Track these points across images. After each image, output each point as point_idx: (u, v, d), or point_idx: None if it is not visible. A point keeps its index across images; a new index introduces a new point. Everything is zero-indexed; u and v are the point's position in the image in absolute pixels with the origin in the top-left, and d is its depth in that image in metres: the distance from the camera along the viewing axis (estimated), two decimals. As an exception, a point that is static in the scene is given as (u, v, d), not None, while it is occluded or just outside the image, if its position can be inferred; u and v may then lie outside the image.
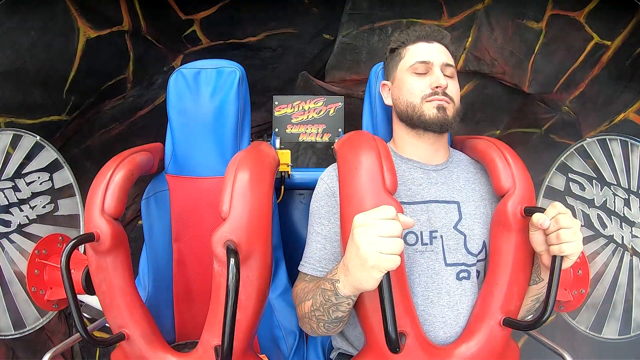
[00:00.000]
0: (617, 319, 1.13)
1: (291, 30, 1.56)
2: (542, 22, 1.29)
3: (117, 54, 1.39)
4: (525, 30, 1.31)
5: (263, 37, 1.56)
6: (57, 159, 1.25)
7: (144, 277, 1.08)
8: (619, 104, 1.24)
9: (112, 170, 0.90)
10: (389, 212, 0.65)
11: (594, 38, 1.26)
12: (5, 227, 1.15)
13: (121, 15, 1.33)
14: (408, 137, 0.96)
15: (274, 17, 1.52)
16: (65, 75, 1.29)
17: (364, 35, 1.44)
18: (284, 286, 1.11)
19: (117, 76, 1.43)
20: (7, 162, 1.15)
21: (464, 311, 0.86)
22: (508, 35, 1.33)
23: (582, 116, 1.36)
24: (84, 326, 0.77)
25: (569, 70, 1.31)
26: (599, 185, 1.18)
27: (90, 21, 1.27)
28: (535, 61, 1.34)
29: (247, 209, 0.81)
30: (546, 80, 1.37)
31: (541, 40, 1.31)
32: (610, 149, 1.16)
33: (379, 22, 1.41)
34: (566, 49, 1.30)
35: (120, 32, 1.35)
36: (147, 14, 1.38)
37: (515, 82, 1.40)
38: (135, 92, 1.52)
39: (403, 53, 0.97)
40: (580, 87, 1.33)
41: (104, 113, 1.50)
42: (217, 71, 1.09)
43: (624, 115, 1.22)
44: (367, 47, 1.45)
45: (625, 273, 1.13)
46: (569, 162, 1.25)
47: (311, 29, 1.57)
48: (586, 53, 1.28)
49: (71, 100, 1.32)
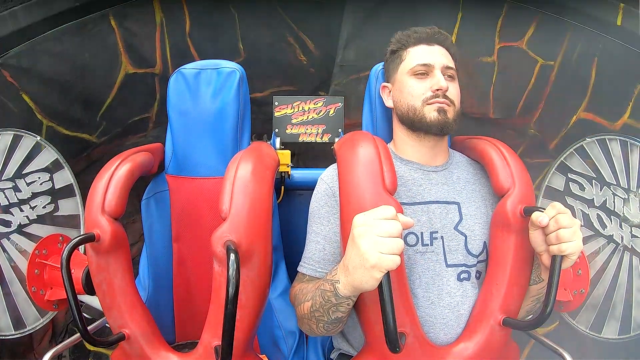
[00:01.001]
0: (617, 319, 1.13)
1: (292, 87, 1.73)
2: (493, 55, 1.48)
3: (146, 93, 1.54)
4: (482, 65, 1.50)
5: (268, 93, 1.73)
6: (58, 159, 1.25)
7: (144, 277, 1.08)
8: (570, 108, 1.37)
9: (112, 170, 0.90)
10: (389, 212, 0.66)
11: (539, 61, 1.42)
12: (5, 227, 1.15)
13: (155, 59, 1.49)
14: (409, 139, 0.96)
15: (278, 76, 1.72)
16: (103, 100, 1.44)
17: (352, 83, 1.64)
18: (284, 286, 1.11)
19: (142, 114, 1.57)
20: (7, 162, 1.15)
21: (465, 312, 0.86)
22: (470, 72, 1.51)
23: (545, 133, 1.51)
24: (84, 326, 0.77)
25: (525, 93, 1.48)
26: (599, 185, 1.18)
27: (131, 58, 1.45)
28: (494, 90, 1.52)
29: (247, 208, 0.81)
30: (507, 105, 1.54)
31: (496, 71, 1.50)
32: (610, 149, 1.16)
33: (363, 72, 1.59)
34: (518, 75, 1.48)
35: (152, 74, 1.51)
36: (175, 61, 1.53)
37: (482, 112, 1.57)
38: (155, 132, 1.66)
39: (404, 55, 0.97)
40: (539, 108, 1.48)
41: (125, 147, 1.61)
42: (217, 71, 1.09)
43: (575, 116, 1.35)
44: (355, 94, 1.63)
45: (625, 273, 1.12)
46: (568, 162, 1.25)
47: (309, 86, 1.76)
48: (536, 75, 1.44)
49: (102, 125, 1.47)
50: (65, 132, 1.37)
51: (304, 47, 1.64)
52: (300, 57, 1.65)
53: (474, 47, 1.49)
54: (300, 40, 1.62)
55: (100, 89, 1.42)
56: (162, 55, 1.51)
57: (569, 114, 1.37)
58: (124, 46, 1.42)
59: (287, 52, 1.64)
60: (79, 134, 1.41)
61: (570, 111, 1.37)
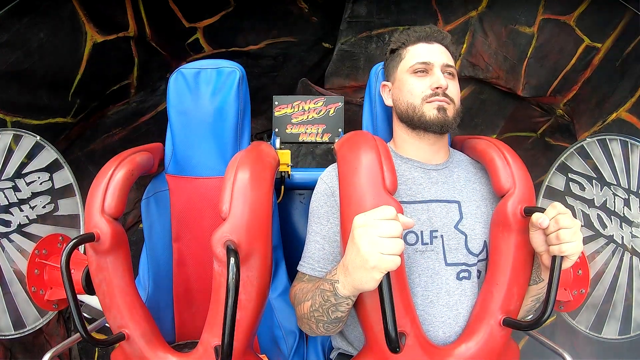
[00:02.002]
0: (617, 319, 1.13)
1: (291, 38, 1.62)
2: (533, 26, 1.33)
3: (122, 59, 1.42)
4: (518, 35, 1.35)
5: (264, 45, 1.62)
6: (57, 159, 1.25)
7: (144, 277, 1.08)
8: (611, 104, 1.26)
9: (112, 170, 0.90)
10: (389, 213, 0.65)
11: (584, 41, 1.29)
12: (5, 227, 1.15)
13: (127, 21, 1.36)
14: (408, 137, 0.96)
15: (274, 26, 1.57)
16: (72, 78, 1.31)
17: (362, 42, 1.50)
18: (284, 286, 1.11)
19: (121, 81, 1.46)
20: (7, 162, 1.15)
21: (463, 311, 0.86)
22: (501, 40, 1.38)
23: (576, 118, 1.39)
24: (84, 326, 0.77)
25: (562, 73, 1.34)
26: (599, 185, 1.18)
27: (98, 26, 1.30)
28: (528, 65, 1.38)
29: (247, 209, 0.81)
30: (539, 83, 1.40)
31: (533, 45, 1.35)
32: (610, 149, 1.16)
33: (376, 30, 1.47)
34: (558, 52, 1.34)
35: (126, 37, 1.38)
36: (152, 21, 1.41)
37: (510, 87, 1.45)
38: (139, 97, 1.56)
39: (403, 54, 0.97)
40: (573, 90, 1.36)
41: (108, 117, 1.54)
42: (217, 71, 1.09)
43: (616, 114, 1.24)
44: (365, 54, 1.51)
45: (625, 273, 1.12)
46: (568, 162, 1.25)
47: (311, 38, 1.63)
48: (578, 56, 1.31)
49: (76, 103, 1.34)
50: (35, 123, 1.26)
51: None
52: (300, 4, 1.53)
53: (512, 13, 1.34)
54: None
55: (65, 67, 1.30)
56: (134, 15, 1.37)
57: (608, 109, 1.26)
58: (86, 14, 1.27)
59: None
60: (50, 120, 1.31)
61: (610, 107, 1.25)
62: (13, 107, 1.22)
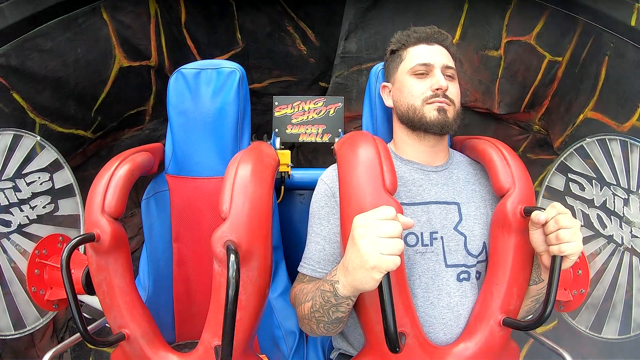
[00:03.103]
0: (617, 319, 1.13)
1: (292, 78, 1.71)
2: (500, 49, 1.44)
3: (142, 86, 1.52)
4: (488, 59, 1.46)
5: (267, 84, 1.72)
6: (58, 159, 1.25)
7: (144, 277, 1.08)
8: (577, 107, 1.33)
9: (112, 170, 0.90)
10: (389, 213, 0.66)
11: (546, 56, 1.39)
12: (5, 227, 1.15)
13: (150, 52, 1.47)
14: (409, 138, 0.96)
15: (277, 66, 1.68)
16: (97, 95, 1.41)
17: (353, 75, 1.61)
18: (284, 286, 1.11)
19: (138, 107, 1.55)
20: (7, 162, 1.15)
21: (464, 312, 0.86)
22: (475, 66, 1.48)
23: (550, 129, 1.46)
24: (84, 326, 0.77)
25: (531, 89, 1.44)
26: (599, 185, 1.18)
27: (125, 51, 1.41)
28: (500, 84, 1.48)
29: (247, 208, 0.81)
30: (512, 100, 1.50)
31: (502, 66, 1.46)
32: (610, 149, 1.16)
33: (365, 64, 1.59)
34: (525, 70, 1.44)
35: (147, 66, 1.48)
36: (171, 54, 1.51)
37: (487, 107, 1.54)
38: (152, 125, 1.64)
39: (404, 55, 0.97)
40: (544, 104, 1.45)
41: (122, 141, 1.62)
42: (217, 71, 1.09)
43: (582, 115, 1.31)
44: (357, 86, 1.62)
45: (625, 273, 1.12)
46: (568, 162, 1.25)
47: (309, 77, 1.76)
48: (542, 71, 1.41)
49: (97, 120, 1.44)
50: (59, 130, 1.34)
51: (304, 37, 1.61)
52: (300, 46, 1.62)
53: (481, 40, 1.45)
54: (300, 29, 1.58)
55: (94, 84, 1.39)
56: (157, 47, 1.48)
57: (575, 112, 1.33)
58: (118, 39, 1.38)
59: (287, 42, 1.60)
60: (73, 131, 1.38)
61: (577, 110, 1.32)
62: (43, 111, 1.30)
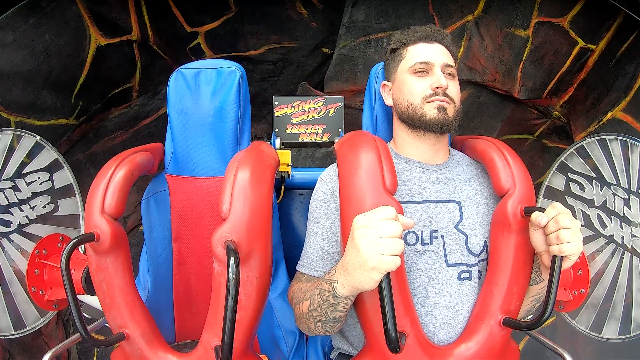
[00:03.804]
0: (617, 319, 1.13)
1: (291, 44, 1.63)
2: (528, 29, 1.34)
3: (125, 62, 1.43)
4: (513, 38, 1.36)
5: (264, 50, 1.64)
6: (57, 159, 1.25)
7: (144, 277, 1.08)
8: (605, 104, 1.26)
9: (112, 170, 0.90)
10: (389, 213, 0.65)
11: (579, 43, 1.31)
12: (5, 227, 1.15)
13: (131, 25, 1.37)
14: (409, 137, 0.96)
15: (275, 31, 1.59)
16: (75, 80, 1.32)
17: (360, 47, 1.52)
18: (284, 286, 1.11)
19: (123, 84, 1.47)
20: (7, 162, 1.15)
21: (464, 312, 0.86)
22: (497, 43, 1.41)
23: (572, 119, 1.40)
24: (84, 326, 0.77)
25: (557, 75, 1.36)
26: (599, 185, 1.18)
27: (102, 29, 1.32)
28: (524, 67, 1.40)
29: (247, 208, 0.81)
30: (535, 86, 1.42)
31: (529, 47, 1.37)
32: (610, 149, 1.16)
33: (374, 34, 1.49)
34: (553, 55, 1.35)
35: (129, 41, 1.39)
36: (155, 25, 1.42)
37: (506, 89, 1.47)
38: (141, 101, 1.57)
39: (404, 53, 0.97)
40: (569, 92, 1.38)
41: (110, 120, 1.55)
42: (217, 71, 1.09)
43: (611, 114, 1.25)
44: (364, 58, 1.53)
45: (625, 273, 1.12)
46: (568, 162, 1.25)
47: (310, 43, 1.66)
48: (572, 57, 1.32)
49: (79, 105, 1.35)
50: (38, 123, 1.28)
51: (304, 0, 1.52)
52: (300, 9, 1.55)
53: (507, 16, 1.36)
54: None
55: (69, 69, 1.31)
56: (138, 19, 1.39)
57: (603, 109, 1.27)
58: (91, 17, 1.29)
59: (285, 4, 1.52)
60: (53, 121, 1.32)
61: (605, 107, 1.26)
62: (17, 107, 1.22)
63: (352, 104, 1.59)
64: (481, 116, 1.66)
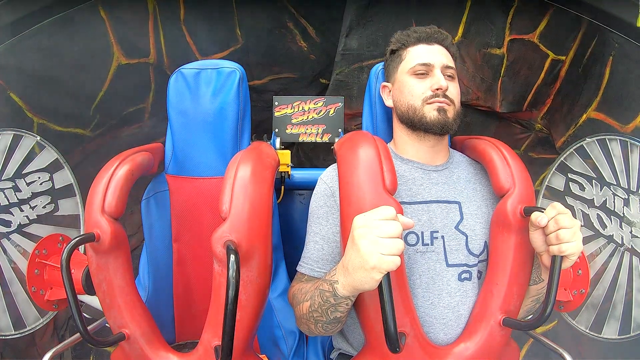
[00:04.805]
0: (617, 319, 1.13)
1: (292, 75, 1.68)
2: (503, 47, 1.44)
3: (141, 83, 1.50)
4: (491, 57, 1.46)
5: (267, 81, 1.69)
6: (58, 159, 1.25)
7: (144, 277, 1.08)
8: (580, 107, 1.33)
9: (112, 170, 0.90)
10: (389, 213, 0.66)
11: (549, 55, 1.40)
12: (5, 227, 1.15)
13: (149, 48, 1.45)
14: (409, 138, 0.96)
15: (277, 62, 1.66)
16: (96, 93, 1.40)
17: (354, 73, 1.59)
18: (284, 286, 1.11)
19: (138, 104, 1.53)
20: (7, 162, 1.15)
21: (465, 312, 0.86)
22: (477, 64, 1.48)
23: (553, 129, 1.46)
24: (84, 326, 0.77)
25: (534, 88, 1.45)
26: (599, 185, 1.18)
27: (124, 49, 1.40)
28: (502, 83, 1.48)
29: (247, 208, 0.81)
30: (515, 99, 1.50)
31: (505, 64, 1.46)
32: (610, 149, 1.16)
33: (366, 61, 1.57)
34: (528, 69, 1.45)
35: (146, 63, 1.47)
36: (170, 51, 1.49)
37: (489, 105, 1.53)
38: (152, 122, 1.62)
39: (404, 55, 0.97)
40: (547, 103, 1.45)
41: (122, 139, 1.61)
42: (217, 71, 1.09)
43: (585, 115, 1.31)
44: (358, 83, 1.60)
45: (625, 273, 1.13)
46: (568, 162, 1.25)
47: (309, 74, 1.72)
48: (545, 70, 1.41)
49: (97, 118, 1.42)
50: (58, 129, 1.33)
51: (304, 33, 1.59)
52: (300, 43, 1.60)
53: (483, 38, 1.45)
54: (300, 26, 1.57)
55: (92, 82, 1.38)
56: (155, 44, 1.46)
57: (578, 112, 1.33)
58: (115, 37, 1.37)
59: (287, 38, 1.58)
60: (72, 129, 1.37)
61: (580, 110, 1.32)
62: (41, 110, 1.28)
63: (349, 128, 1.65)
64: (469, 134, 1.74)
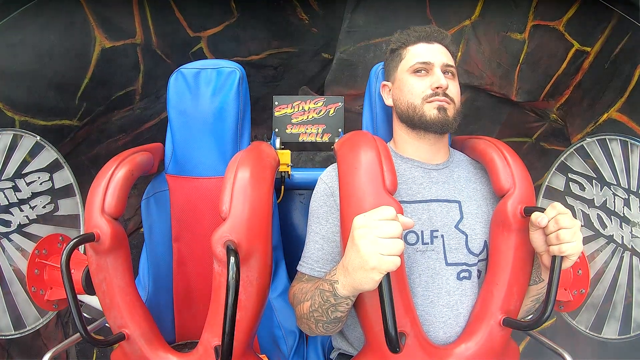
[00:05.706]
0: (617, 319, 1.13)
1: (292, 49, 1.63)
2: (524, 33, 1.35)
3: (128, 65, 1.43)
4: (510, 41, 1.37)
5: (265, 55, 1.64)
6: (57, 159, 1.25)
7: (144, 277, 1.08)
8: (601, 105, 1.27)
9: (112, 170, 0.90)
10: (389, 213, 0.66)
11: (574, 45, 1.31)
12: (5, 227, 1.15)
13: (135, 28, 1.37)
14: (409, 137, 0.96)
15: (276, 36, 1.59)
16: (79, 82, 1.32)
17: (360, 51, 1.51)
18: (284, 286, 1.11)
19: (127, 87, 1.47)
20: (7, 162, 1.15)
21: (464, 311, 0.86)
22: (494, 47, 1.40)
23: (569, 121, 1.41)
24: (84, 326, 0.77)
25: (553, 78, 1.37)
26: (599, 185, 1.18)
27: (106, 32, 1.32)
28: (520, 71, 1.40)
29: (247, 208, 0.81)
30: (532, 88, 1.42)
31: (525, 50, 1.37)
32: (610, 149, 1.16)
33: (373, 39, 1.48)
34: (549, 58, 1.36)
35: (132, 44, 1.39)
36: (158, 29, 1.42)
37: (504, 92, 1.47)
38: (143, 104, 1.57)
39: (403, 54, 0.97)
40: (565, 94, 1.38)
41: (112, 123, 1.55)
42: (217, 71, 1.09)
43: (607, 115, 1.25)
44: (363, 63, 1.53)
45: (625, 273, 1.13)
46: (568, 162, 1.25)
47: (311, 48, 1.67)
48: (568, 60, 1.33)
49: (83, 107, 1.36)
50: (42, 123, 1.28)
51: (305, 6, 1.52)
52: (301, 15, 1.55)
53: (504, 20, 1.37)
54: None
55: (74, 70, 1.31)
56: (142, 23, 1.39)
57: (599, 110, 1.27)
58: (96, 20, 1.29)
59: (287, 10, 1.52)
60: (57, 122, 1.32)
61: (601, 108, 1.26)
62: (22, 107, 1.23)
63: (352, 108, 1.59)
64: (479, 120, 1.67)
